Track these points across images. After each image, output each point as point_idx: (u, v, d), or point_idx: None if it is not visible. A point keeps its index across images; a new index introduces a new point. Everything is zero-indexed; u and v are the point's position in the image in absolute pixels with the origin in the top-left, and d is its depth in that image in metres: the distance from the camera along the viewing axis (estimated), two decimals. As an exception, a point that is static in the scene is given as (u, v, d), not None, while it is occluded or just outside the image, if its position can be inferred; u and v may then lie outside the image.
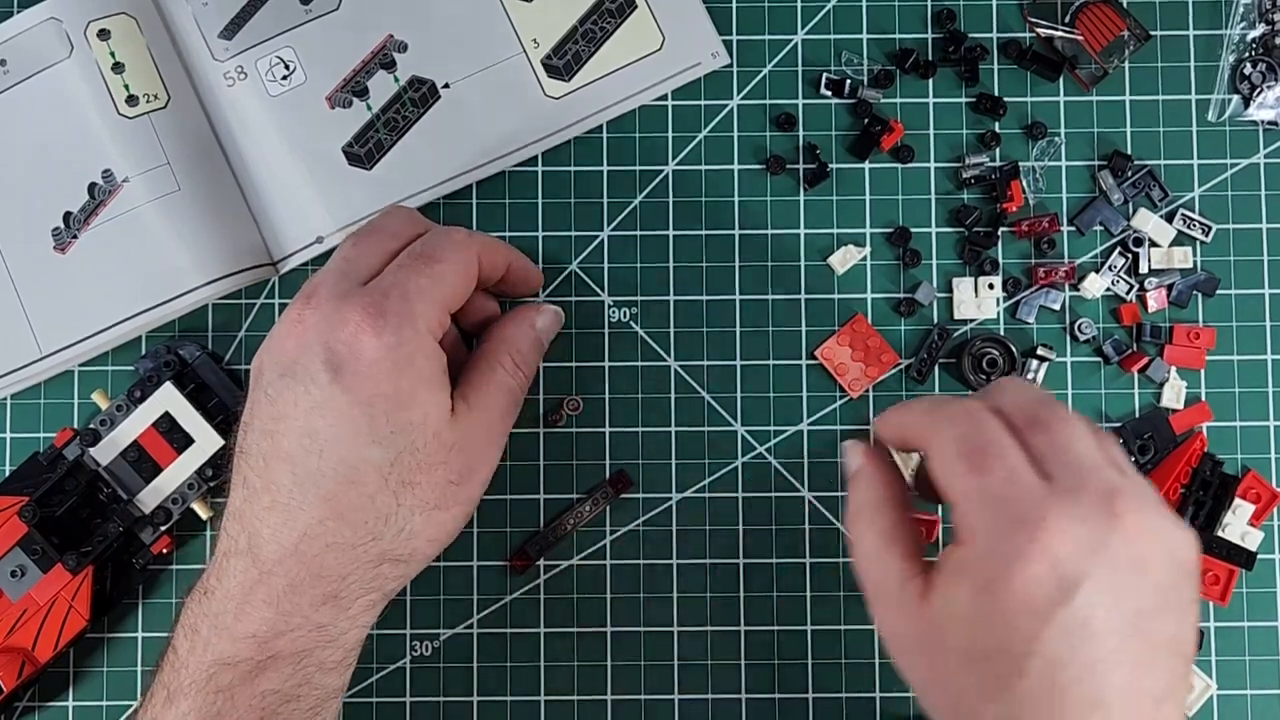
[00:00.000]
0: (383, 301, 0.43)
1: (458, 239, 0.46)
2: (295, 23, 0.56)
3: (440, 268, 0.45)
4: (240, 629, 0.42)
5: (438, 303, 0.44)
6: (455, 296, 0.46)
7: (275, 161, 0.55)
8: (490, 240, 0.49)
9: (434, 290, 0.44)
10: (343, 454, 0.42)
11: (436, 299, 0.44)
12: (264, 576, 0.42)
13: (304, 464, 0.42)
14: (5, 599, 0.51)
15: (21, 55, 0.55)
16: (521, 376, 0.49)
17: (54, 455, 0.53)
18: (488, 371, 0.47)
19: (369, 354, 0.42)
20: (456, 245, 0.46)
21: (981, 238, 0.55)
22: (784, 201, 0.56)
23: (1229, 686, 0.54)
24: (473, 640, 0.54)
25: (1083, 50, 0.55)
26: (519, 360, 0.48)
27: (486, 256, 0.48)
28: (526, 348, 0.49)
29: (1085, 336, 0.54)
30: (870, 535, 0.42)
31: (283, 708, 0.42)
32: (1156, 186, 0.56)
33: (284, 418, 0.43)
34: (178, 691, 0.42)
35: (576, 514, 0.54)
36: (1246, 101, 0.56)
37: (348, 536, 0.42)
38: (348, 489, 0.42)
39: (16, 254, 0.55)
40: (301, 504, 0.42)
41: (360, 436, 0.42)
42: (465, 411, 0.45)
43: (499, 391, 0.47)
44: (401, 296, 0.43)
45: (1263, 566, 0.54)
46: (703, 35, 0.56)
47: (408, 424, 0.43)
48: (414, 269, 0.44)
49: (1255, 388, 0.55)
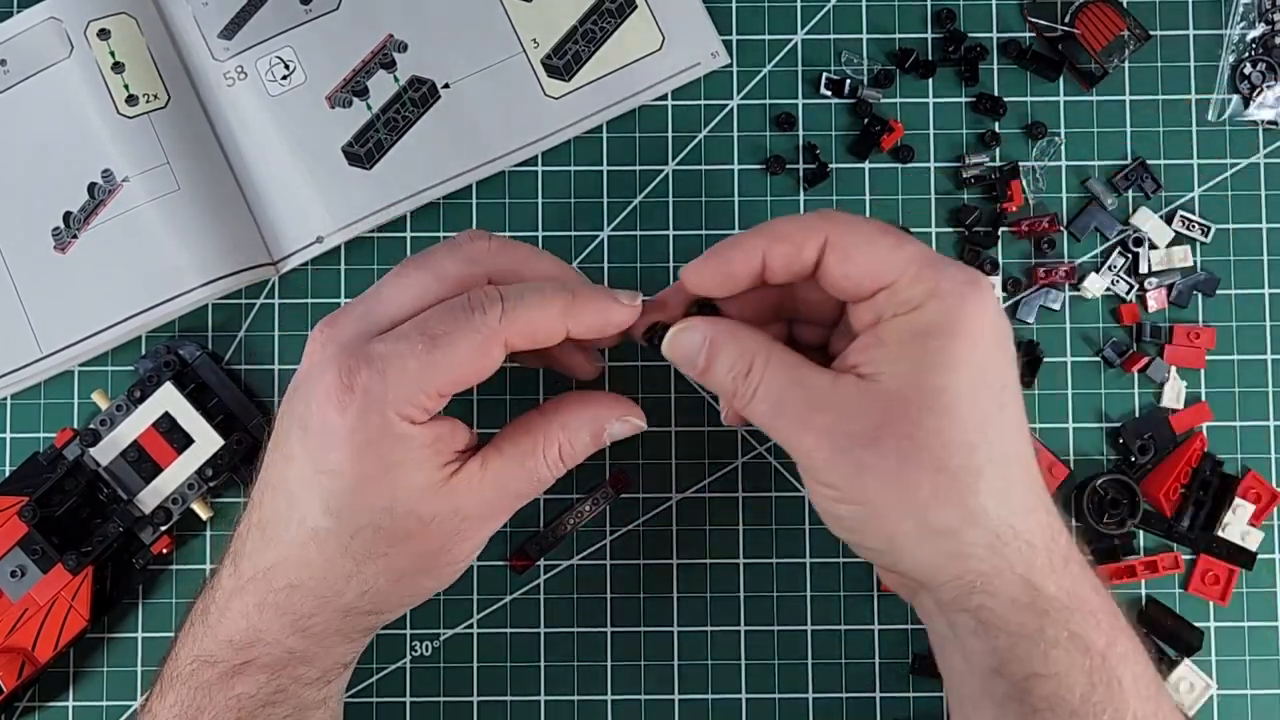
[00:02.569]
0: (356, 376, 0.38)
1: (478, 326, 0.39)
2: (295, 22, 0.56)
3: (438, 356, 0.39)
4: (221, 631, 0.42)
5: (423, 390, 0.39)
6: (457, 381, 0.39)
7: (275, 161, 0.55)
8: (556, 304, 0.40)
9: (422, 377, 0.38)
10: (303, 513, 0.40)
11: (423, 386, 0.39)
12: (241, 589, 0.42)
13: (278, 503, 0.41)
14: (5, 599, 0.51)
15: (21, 55, 0.55)
16: (561, 470, 0.43)
17: (54, 455, 0.53)
18: (525, 451, 0.42)
19: (330, 429, 0.39)
20: (472, 334, 0.39)
21: (981, 237, 0.55)
22: (784, 201, 0.56)
23: (1229, 686, 0.54)
24: (473, 640, 0.54)
25: (1080, 48, 0.55)
26: (568, 456, 0.43)
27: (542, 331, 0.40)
28: (583, 447, 0.43)
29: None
30: (777, 370, 0.40)
31: (260, 711, 0.41)
32: (1149, 178, 0.56)
33: (275, 447, 0.41)
34: (169, 683, 0.43)
35: (576, 514, 0.54)
36: (1246, 101, 0.56)
37: (310, 586, 0.41)
38: (309, 544, 0.40)
39: (16, 254, 0.55)
40: (274, 538, 0.41)
41: (317, 503, 0.39)
42: (470, 482, 0.41)
43: (526, 478, 0.42)
44: (379, 374, 0.38)
45: (1263, 566, 0.54)
46: (703, 35, 0.56)
47: (368, 506, 0.39)
48: (409, 346, 0.39)
49: (1255, 387, 0.55)
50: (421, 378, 0.38)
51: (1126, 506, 0.54)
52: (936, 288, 0.38)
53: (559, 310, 0.40)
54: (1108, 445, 0.55)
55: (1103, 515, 0.54)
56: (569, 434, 0.42)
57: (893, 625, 0.54)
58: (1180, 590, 0.54)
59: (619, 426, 0.43)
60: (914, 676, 0.54)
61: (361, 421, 0.38)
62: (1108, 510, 0.54)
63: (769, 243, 0.40)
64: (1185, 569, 0.54)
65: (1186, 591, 0.54)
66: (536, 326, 0.40)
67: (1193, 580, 0.54)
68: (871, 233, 0.40)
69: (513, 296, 0.40)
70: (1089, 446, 0.55)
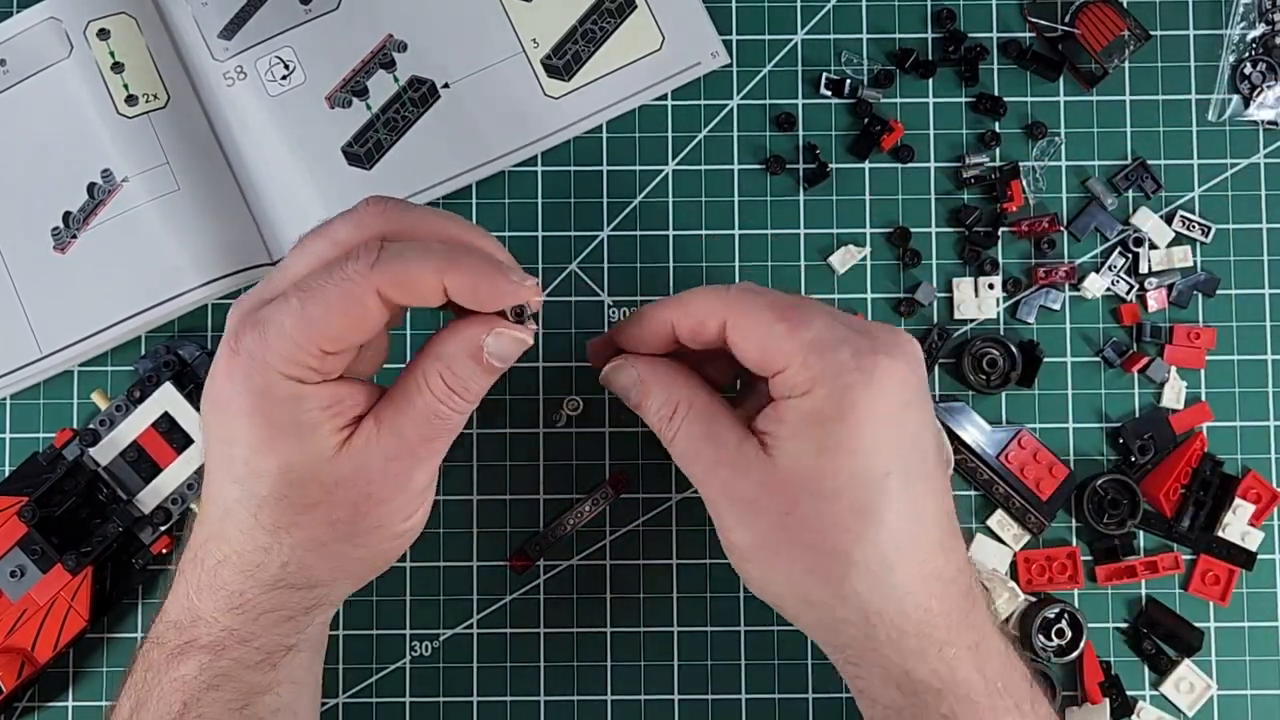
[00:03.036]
0: (241, 341, 0.38)
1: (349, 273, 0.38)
2: (295, 22, 0.56)
3: (310, 308, 0.38)
4: (169, 613, 0.42)
5: (301, 346, 0.38)
6: (334, 336, 0.38)
7: (275, 161, 0.55)
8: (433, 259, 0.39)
9: (298, 332, 0.38)
10: (218, 487, 0.40)
11: (300, 342, 0.38)
12: (181, 570, 0.42)
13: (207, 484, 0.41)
14: (5, 599, 0.51)
15: (21, 55, 0.55)
16: (457, 400, 0.40)
17: (53, 455, 0.53)
18: (410, 393, 0.40)
19: (221, 396, 0.39)
20: (342, 282, 0.38)
21: (981, 237, 0.55)
22: (784, 201, 0.56)
23: (1229, 687, 0.54)
24: (472, 640, 0.54)
25: (1080, 48, 0.55)
26: (453, 383, 0.40)
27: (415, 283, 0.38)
28: (466, 369, 0.40)
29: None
30: (695, 421, 0.42)
31: (204, 695, 0.41)
32: (1149, 178, 0.56)
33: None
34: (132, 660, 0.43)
35: (576, 514, 0.54)
36: (1246, 101, 0.56)
37: (234, 560, 0.40)
38: (226, 519, 0.40)
39: (16, 254, 0.55)
40: (204, 517, 0.41)
41: (223, 474, 0.40)
42: (369, 439, 0.40)
43: (419, 418, 0.40)
44: (260, 336, 0.38)
45: (1263, 566, 0.54)
46: (702, 35, 0.56)
47: (264, 470, 0.39)
48: (285, 304, 0.38)
49: (1255, 388, 0.55)
50: (298, 333, 0.38)
51: (1126, 507, 0.54)
52: (822, 375, 0.40)
53: (435, 264, 0.38)
54: (1108, 445, 0.55)
55: (1103, 515, 0.54)
56: (445, 362, 0.40)
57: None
58: (1180, 590, 0.54)
59: (495, 341, 0.40)
60: (914, 677, 0.54)
61: (247, 385, 0.38)
62: (1108, 510, 0.54)
63: (678, 316, 0.43)
64: (1185, 569, 0.54)
65: (1187, 592, 0.54)
66: (410, 278, 0.38)
67: (1193, 580, 0.54)
68: (766, 318, 0.41)
69: (391, 250, 0.39)
70: (1089, 446, 0.55)
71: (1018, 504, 0.54)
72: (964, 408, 0.54)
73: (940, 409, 0.54)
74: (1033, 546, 0.54)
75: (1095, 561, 0.54)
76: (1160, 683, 0.54)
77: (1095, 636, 0.54)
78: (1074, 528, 0.55)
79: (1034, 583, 0.54)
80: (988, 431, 0.54)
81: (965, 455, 0.54)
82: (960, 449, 0.54)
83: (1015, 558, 0.54)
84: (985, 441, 0.54)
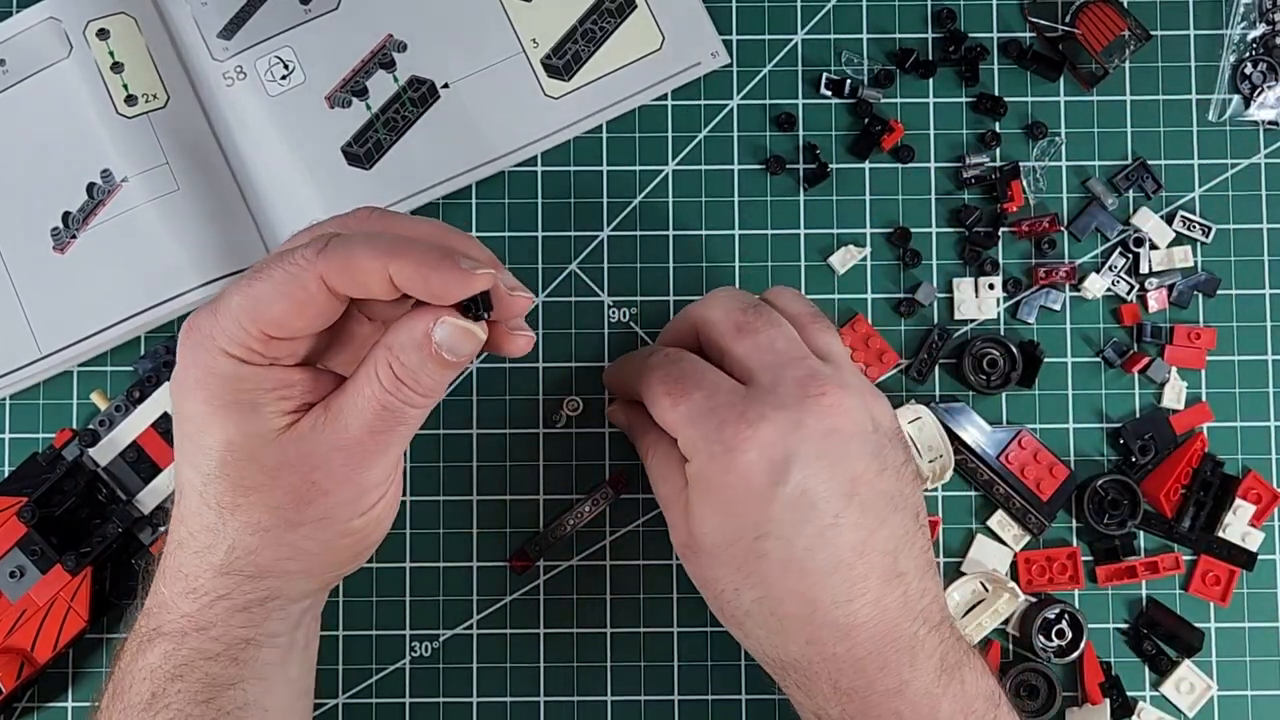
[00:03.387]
0: (197, 318, 0.39)
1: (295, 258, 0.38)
2: (294, 22, 0.56)
3: (255, 288, 0.38)
4: (146, 601, 0.43)
5: (242, 324, 0.38)
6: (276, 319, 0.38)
7: (274, 161, 0.55)
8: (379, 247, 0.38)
9: (241, 311, 0.38)
10: (177, 466, 0.41)
11: (241, 320, 0.38)
12: (156, 559, 0.43)
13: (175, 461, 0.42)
14: (4, 600, 0.51)
15: (21, 55, 0.55)
16: (407, 392, 0.39)
17: (53, 456, 0.53)
18: (361, 382, 0.39)
19: (177, 373, 0.40)
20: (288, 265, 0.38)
21: (982, 238, 0.55)
22: (784, 201, 0.56)
23: (1230, 687, 0.54)
24: (472, 641, 0.54)
25: (1081, 48, 0.55)
26: (401, 373, 0.39)
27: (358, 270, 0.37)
28: (414, 359, 0.39)
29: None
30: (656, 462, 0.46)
31: (169, 685, 0.41)
32: (1150, 178, 0.55)
33: None
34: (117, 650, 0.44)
35: (576, 514, 0.54)
36: (1247, 101, 0.56)
37: (188, 541, 0.41)
38: (182, 498, 0.41)
39: (16, 254, 0.55)
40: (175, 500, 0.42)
41: (180, 452, 0.41)
42: (315, 425, 0.39)
43: (367, 408, 0.39)
44: (211, 313, 0.39)
45: (1263, 567, 0.54)
46: (702, 35, 0.56)
47: (206, 447, 0.39)
48: (238, 284, 0.39)
49: (1256, 388, 0.55)
50: (242, 313, 0.38)
51: (1127, 507, 0.54)
52: (692, 449, 0.43)
53: (380, 251, 0.37)
54: (1108, 446, 0.55)
55: (1103, 516, 0.54)
56: (394, 351, 0.39)
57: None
58: (1181, 591, 0.54)
59: (443, 332, 0.38)
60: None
61: (195, 359, 0.39)
62: (1108, 511, 0.54)
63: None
64: (1186, 570, 0.54)
65: (1187, 592, 0.54)
66: (353, 265, 0.37)
67: (1193, 581, 0.54)
68: (656, 392, 0.44)
69: (341, 238, 0.38)
70: (1089, 447, 0.55)
71: (1018, 504, 0.54)
72: (964, 408, 0.54)
73: (940, 409, 0.54)
74: (1033, 547, 0.54)
75: (1095, 562, 0.54)
76: (1161, 683, 0.54)
77: (1095, 637, 0.54)
78: (1074, 528, 0.55)
79: (1034, 583, 0.54)
80: (988, 432, 0.54)
81: (965, 455, 0.54)
82: (960, 449, 0.54)
83: (1015, 558, 0.54)
84: (985, 442, 0.54)
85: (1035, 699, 0.53)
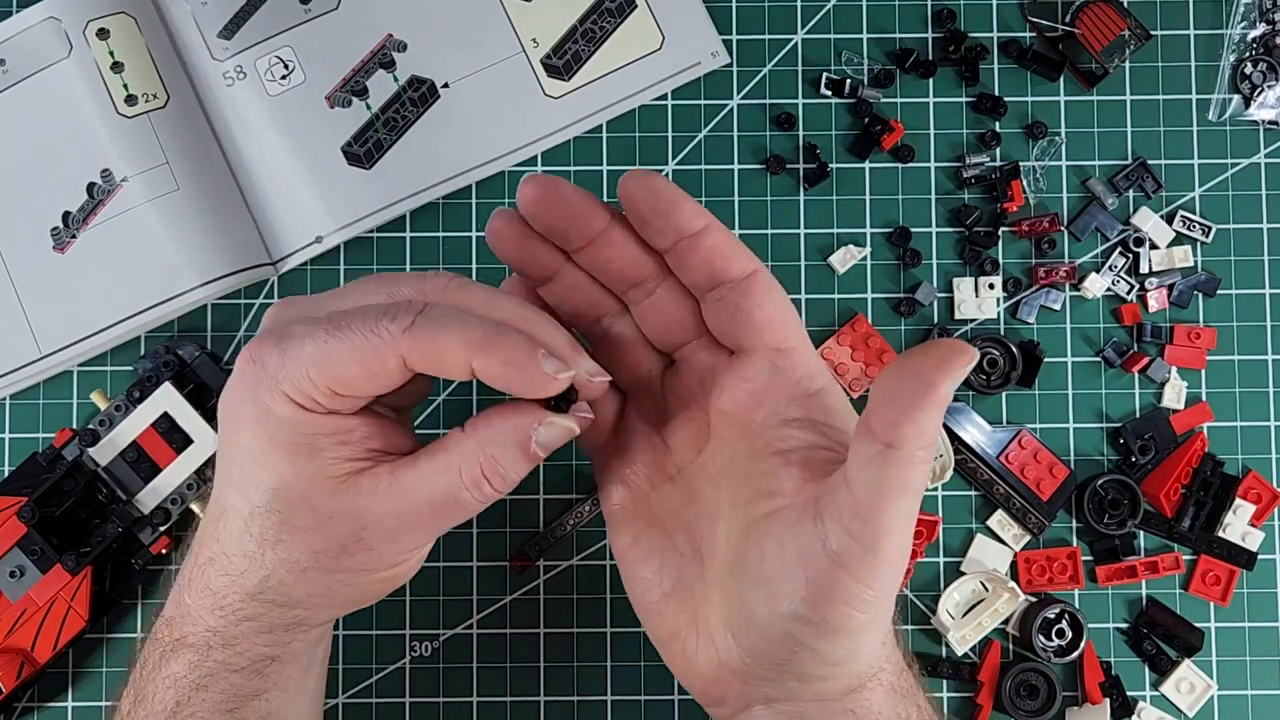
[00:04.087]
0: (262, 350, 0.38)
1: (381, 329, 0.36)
2: (294, 22, 0.56)
3: (332, 346, 0.36)
4: (165, 610, 0.42)
5: (310, 377, 0.37)
6: (347, 380, 0.37)
7: (274, 161, 0.55)
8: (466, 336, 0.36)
9: (312, 363, 0.37)
10: (219, 488, 0.40)
11: (310, 373, 0.37)
12: (180, 569, 0.42)
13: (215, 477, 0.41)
14: (4, 599, 0.51)
15: (21, 55, 0.55)
16: (488, 489, 0.38)
17: (53, 455, 0.53)
18: (441, 469, 0.38)
19: (232, 399, 0.39)
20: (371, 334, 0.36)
21: (982, 237, 0.55)
22: (784, 201, 0.56)
23: (1230, 687, 0.54)
24: (472, 641, 0.54)
25: (1081, 47, 0.55)
26: (492, 475, 0.38)
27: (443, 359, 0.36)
28: (509, 458, 0.38)
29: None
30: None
31: (194, 695, 0.41)
32: (1149, 178, 0.55)
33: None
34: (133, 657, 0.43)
35: (576, 514, 0.54)
36: (1247, 101, 0.56)
37: (221, 563, 0.40)
38: (221, 520, 0.40)
39: (16, 254, 0.55)
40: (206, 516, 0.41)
41: (224, 475, 0.40)
42: (377, 488, 0.38)
43: (438, 493, 0.38)
44: (280, 351, 0.37)
45: (1263, 567, 0.54)
46: (702, 35, 0.56)
47: (259, 481, 0.38)
48: (312, 330, 0.37)
49: (1256, 388, 0.55)
50: (312, 364, 0.37)
51: (1127, 507, 0.54)
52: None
53: (469, 343, 0.36)
54: (1108, 445, 0.55)
55: (1103, 515, 0.54)
56: (491, 449, 0.38)
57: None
58: (1181, 591, 0.54)
59: (546, 431, 0.38)
60: (914, 677, 0.54)
61: (253, 395, 0.38)
62: (1108, 510, 0.54)
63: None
64: (1186, 569, 0.54)
65: (1187, 592, 0.54)
66: (440, 352, 0.36)
67: (1193, 581, 0.54)
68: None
69: (430, 315, 0.37)
70: (1090, 447, 0.55)
71: (1018, 504, 0.54)
72: (964, 408, 0.54)
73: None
74: (1033, 547, 0.54)
75: (1096, 562, 0.54)
76: (1161, 683, 0.54)
77: (1096, 637, 0.54)
78: (1074, 528, 0.55)
79: (1034, 583, 0.54)
80: (988, 431, 0.54)
81: (965, 455, 0.54)
82: (960, 449, 0.54)
83: (1016, 558, 0.54)
84: (985, 441, 0.54)
85: (1035, 699, 0.53)
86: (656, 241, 0.40)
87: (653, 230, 0.40)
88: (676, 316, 0.42)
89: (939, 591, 0.54)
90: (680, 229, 0.39)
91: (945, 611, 0.54)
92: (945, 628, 0.53)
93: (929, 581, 0.54)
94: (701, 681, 0.41)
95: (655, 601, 0.42)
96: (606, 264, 0.41)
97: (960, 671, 0.54)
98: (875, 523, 0.35)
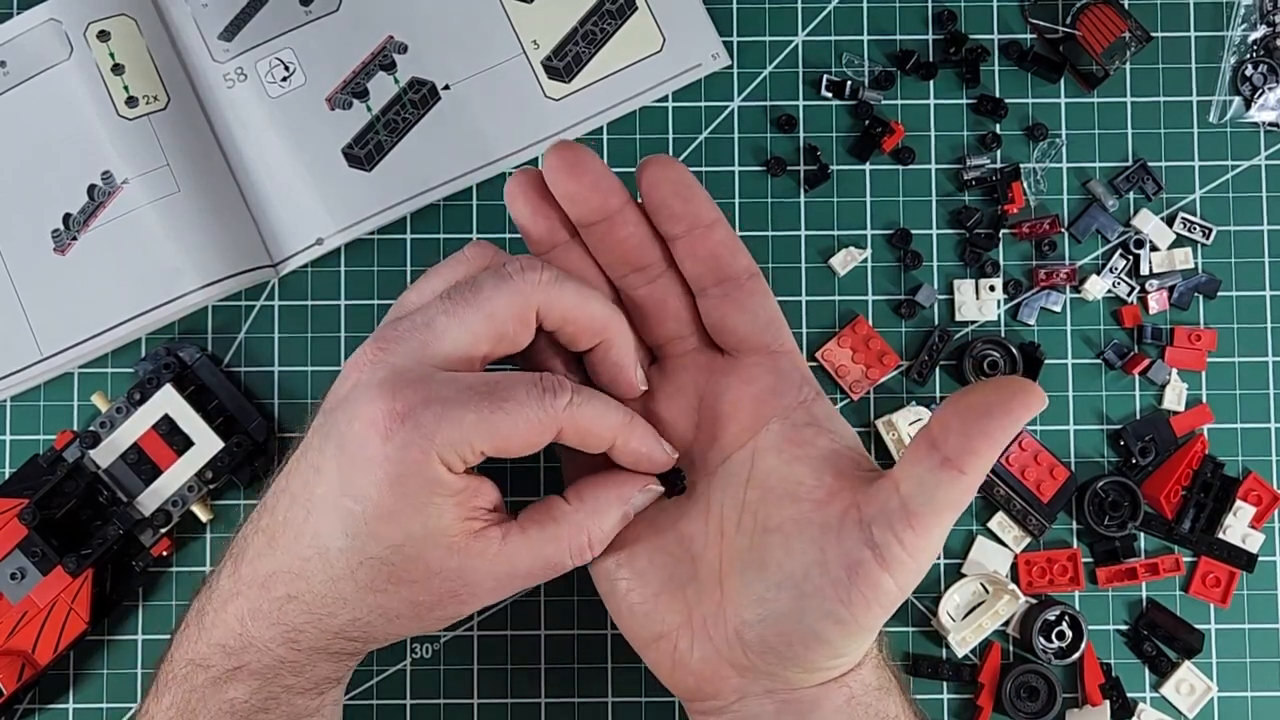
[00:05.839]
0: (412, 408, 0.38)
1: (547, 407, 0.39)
2: (295, 24, 0.56)
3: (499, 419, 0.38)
4: (215, 634, 0.41)
5: (471, 443, 0.38)
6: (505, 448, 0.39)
7: (275, 163, 0.55)
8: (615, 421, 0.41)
9: (476, 431, 0.38)
10: (318, 528, 0.39)
11: (472, 440, 0.38)
12: (237, 593, 0.41)
13: (294, 513, 0.40)
14: (5, 601, 0.51)
15: (21, 56, 0.55)
16: (589, 556, 0.42)
17: (54, 457, 0.53)
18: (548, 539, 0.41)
19: (368, 453, 0.38)
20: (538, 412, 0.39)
21: (982, 239, 0.55)
22: (784, 203, 0.56)
23: (1230, 688, 0.54)
24: (473, 642, 0.54)
25: (1081, 49, 0.55)
26: (596, 543, 0.41)
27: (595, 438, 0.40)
28: (611, 528, 0.41)
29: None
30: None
31: (254, 717, 0.41)
32: (1150, 180, 0.55)
33: (303, 454, 0.41)
34: (164, 685, 0.42)
35: (577, 516, 0.54)
36: (1248, 103, 0.56)
37: (306, 600, 0.40)
38: (315, 560, 0.39)
39: (16, 256, 0.55)
40: (281, 546, 0.40)
41: (336, 522, 0.39)
42: (485, 554, 0.40)
43: (539, 562, 0.41)
44: (437, 415, 0.38)
45: (1263, 568, 0.54)
46: (703, 36, 0.56)
47: (382, 537, 0.39)
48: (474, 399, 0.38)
49: (1256, 390, 0.55)
50: (475, 432, 0.38)
51: (1127, 509, 0.54)
52: None
53: (615, 427, 0.40)
54: (1109, 447, 0.55)
55: (1103, 517, 0.54)
56: (598, 519, 0.41)
57: (889, 627, 0.54)
58: (1181, 592, 0.54)
59: (642, 497, 0.42)
60: (912, 679, 0.54)
61: (402, 454, 0.38)
62: (1108, 512, 0.54)
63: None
64: (1186, 571, 0.54)
65: (1187, 594, 0.54)
66: (592, 432, 0.40)
67: (1193, 582, 0.54)
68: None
69: (583, 396, 0.40)
70: (1090, 448, 0.55)
71: (1018, 506, 0.54)
72: (965, 410, 0.54)
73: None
74: (1033, 549, 0.54)
75: (1096, 563, 0.54)
76: (1161, 685, 0.54)
77: (1096, 638, 0.54)
78: (1075, 530, 0.55)
79: (1034, 585, 0.54)
80: (988, 433, 0.54)
81: (966, 457, 0.54)
82: (961, 451, 0.54)
83: (1016, 560, 0.54)
84: (986, 443, 0.54)
85: (1035, 700, 0.53)
86: (670, 227, 0.41)
87: (668, 215, 0.41)
88: (673, 308, 0.42)
89: (939, 593, 0.54)
90: (696, 217, 0.41)
91: (946, 613, 0.54)
92: (946, 629, 0.53)
93: (929, 583, 0.54)
94: (694, 679, 0.41)
95: (639, 603, 0.42)
96: (617, 243, 0.42)
97: (961, 673, 0.54)
98: (928, 536, 0.37)
